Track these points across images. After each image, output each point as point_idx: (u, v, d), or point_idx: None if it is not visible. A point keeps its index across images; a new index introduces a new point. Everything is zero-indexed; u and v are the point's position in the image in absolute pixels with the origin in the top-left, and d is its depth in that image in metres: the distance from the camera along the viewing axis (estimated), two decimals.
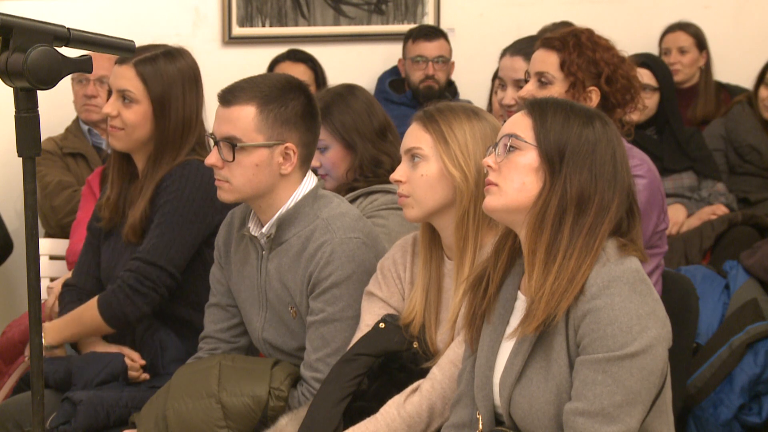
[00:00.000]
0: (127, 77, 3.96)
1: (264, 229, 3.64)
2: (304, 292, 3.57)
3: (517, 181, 2.89)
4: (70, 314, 4.03)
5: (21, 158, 2.57)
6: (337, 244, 3.52)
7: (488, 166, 2.94)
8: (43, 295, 4.64)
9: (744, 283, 4.22)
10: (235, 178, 3.55)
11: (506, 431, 2.96)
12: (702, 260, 5.02)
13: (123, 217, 4.07)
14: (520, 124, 2.93)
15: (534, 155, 2.89)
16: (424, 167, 3.34)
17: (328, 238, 3.53)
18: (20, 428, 3.87)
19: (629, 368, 2.77)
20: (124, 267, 3.96)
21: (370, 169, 4.33)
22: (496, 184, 2.91)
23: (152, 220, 3.94)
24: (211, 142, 3.62)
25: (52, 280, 4.74)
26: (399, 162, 3.43)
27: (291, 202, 3.62)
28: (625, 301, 2.78)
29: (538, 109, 2.94)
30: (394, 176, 3.40)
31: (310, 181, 3.67)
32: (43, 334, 3.91)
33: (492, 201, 2.93)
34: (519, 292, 3.00)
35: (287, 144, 3.58)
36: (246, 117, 3.55)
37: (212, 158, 3.58)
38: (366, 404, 3.35)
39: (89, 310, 3.96)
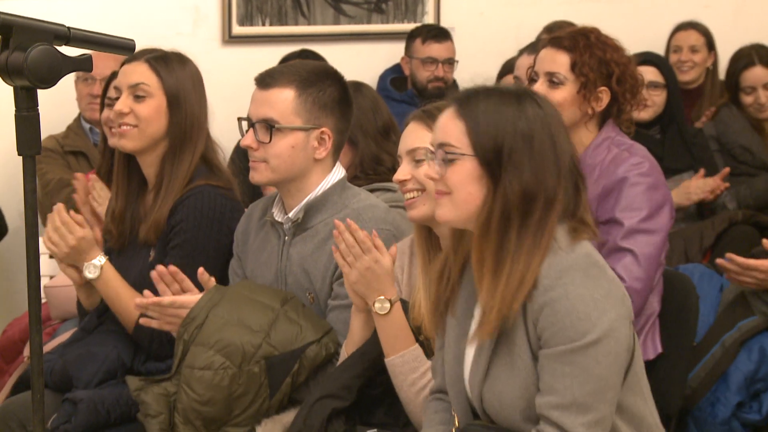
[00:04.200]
0: (139, 72, 3.93)
1: (291, 214, 3.69)
2: (327, 278, 3.59)
3: (463, 192, 2.85)
4: (129, 288, 3.90)
5: (21, 157, 2.57)
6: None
7: (431, 177, 2.93)
8: (42, 295, 4.66)
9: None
10: (270, 159, 3.61)
11: (483, 424, 2.97)
12: (702, 259, 5.03)
13: (132, 232, 4.02)
14: (454, 131, 2.87)
15: (474, 163, 2.84)
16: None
17: (359, 226, 3.51)
18: (23, 427, 3.87)
19: (594, 356, 2.76)
20: None
21: (371, 166, 4.37)
22: (448, 193, 2.88)
23: (172, 226, 3.89)
24: (245, 125, 3.66)
25: (51, 278, 4.74)
26: (400, 161, 3.45)
27: (320, 190, 3.68)
28: (579, 288, 2.77)
29: (467, 109, 2.87)
30: (397, 177, 3.42)
31: (339, 171, 3.73)
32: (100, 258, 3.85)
33: (446, 213, 2.90)
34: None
35: (323, 129, 3.64)
36: (285, 100, 3.61)
37: (248, 140, 3.63)
38: (375, 391, 3.38)
39: (130, 317, 3.87)
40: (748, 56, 6.07)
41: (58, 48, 2.55)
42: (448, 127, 2.88)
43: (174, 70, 3.95)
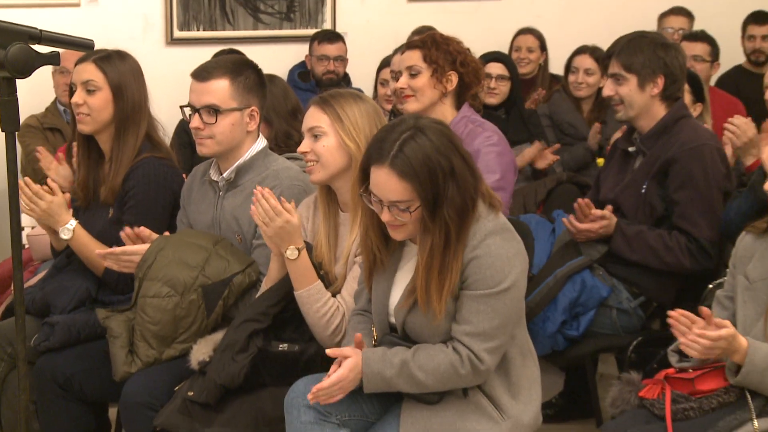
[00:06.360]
0: (88, 71, 3.88)
1: (225, 174, 3.70)
2: (252, 223, 3.57)
3: (415, 225, 2.88)
4: (95, 241, 3.82)
5: (3, 133, 2.56)
6: (285, 188, 3.55)
7: (387, 221, 2.91)
8: (24, 241, 4.64)
9: (566, 228, 4.26)
10: (216, 136, 3.61)
11: (397, 336, 3.04)
12: (537, 210, 5.07)
13: (95, 194, 3.97)
14: (402, 191, 2.85)
15: (421, 210, 2.85)
16: (324, 141, 3.34)
17: (278, 183, 3.57)
18: (11, 345, 3.85)
19: (503, 300, 2.88)
20: None
21: (283, 140, 4.39)
22: (403, 225, 2.89)
23: (126, 190, 3.85)
24: (187, 111, 3.65)
25: (33, 228, 4.67)
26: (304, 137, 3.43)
27: (248, 155, 3.69)
28: (498, 249, 2.87)
29: (404, 168, 2.82)
30: (300, 149, 3.41)
31: (262, 140, 3.74)
32: (71, 222, 3.79)
33: (404, 236, 2.94)
34: (408, 240, 3.05)
35: (253, 107, 3.65)
36: (222, 88, 3.60)
37: (195, 122, 3.62)
38: (286, 315, 3.36)
39: (97, 261, 3.79)
40: (584, 47, 6.12)
41: (32, 46, 2.52)
42: (395, 188, 2.84)
43: (116, 66, 3.88)
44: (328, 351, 2.97)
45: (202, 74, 3.63)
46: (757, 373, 2.99)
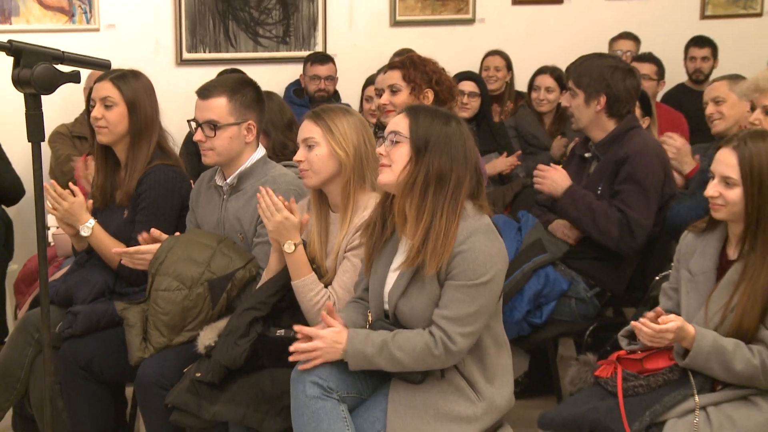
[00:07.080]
0: (106, 88, 3.87)
1: (228, 180, 3.70)
2: (253, 223, 3.59)
3: (399, 165, 2.93)
4: (111, 239, 3.83)
5: (30, 143, 2.55)
6: (282, 192, 3.49)
7: (380, 153, 2.98)
8: (49, 239, 4.70)
9: (532, 228, 4.27)
10: (216, 148, 3.61)
11: (389, 322, 3.04)
12: (504, 211, 5.07)
13: (112, 197, 3.96)
14: (401, 123, 2.97)
15: (408, 146, 2.93)
16: (317, 150, 3.34)
17: (276, 187, 3.52)
18: (38, 331, 3.85)
19: (482, 291, 2.89)
20: None
21: (280, 150, 4.38)
22: (389, 166, 2.95)
23: (139, 194, 3.84)
24: (193, 125, 3.65)
25: (57, 227, 4.66)
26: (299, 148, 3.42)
27: (249, 163, 3.68)
28: (482, 246, 2.89)
29: (413, 112, 2.97)
30: (296, 158, 3.41)
31: (261, 149, 3.74)
32: (90, 221, 3.79)
33: (386, 178, 2.98)
34: (403, 236, 3.07)
35: (250, 121, 3.64)
36: (220, 105, 3.59)
37: (198, 136, 3.63)
38: (283, 304, 3.36)
39: (113, 257, 3.80)
40: (545, 68, 6.16)
41: (55, 66, 2.52)
42: (400, 121, 2.97)
43: (131, 84, 3.87)
44: (321, 315, 2.98)
45: (204, 93, 3.63)
46: (702, 357, 3.00)
